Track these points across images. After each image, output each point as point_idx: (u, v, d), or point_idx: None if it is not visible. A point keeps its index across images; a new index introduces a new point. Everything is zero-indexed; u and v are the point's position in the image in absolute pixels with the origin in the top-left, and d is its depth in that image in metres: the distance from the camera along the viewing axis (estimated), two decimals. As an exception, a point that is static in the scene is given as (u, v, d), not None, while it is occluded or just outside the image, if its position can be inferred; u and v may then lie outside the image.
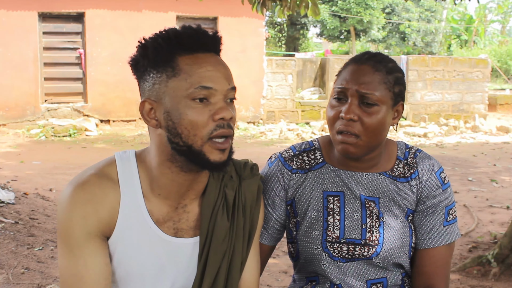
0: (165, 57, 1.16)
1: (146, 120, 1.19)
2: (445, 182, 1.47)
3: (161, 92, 1.16)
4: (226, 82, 1.18)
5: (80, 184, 1.18)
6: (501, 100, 15.90)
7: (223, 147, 1.16)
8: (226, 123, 1.16)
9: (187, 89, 1.13)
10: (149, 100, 1.18)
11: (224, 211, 1.27)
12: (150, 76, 1.18)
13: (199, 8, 10.83)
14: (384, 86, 1.37)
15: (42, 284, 3.16)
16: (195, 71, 1.15)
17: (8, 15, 10.59)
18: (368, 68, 1.37)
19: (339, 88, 1.39)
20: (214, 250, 1.25)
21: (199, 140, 1.14)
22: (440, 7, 28.35)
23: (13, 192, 4.85)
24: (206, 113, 1.14)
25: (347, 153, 1.38)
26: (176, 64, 1.15)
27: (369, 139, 1.36)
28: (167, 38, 1.16)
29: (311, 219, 1.45)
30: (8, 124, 10.78)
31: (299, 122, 12.34)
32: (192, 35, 1.17)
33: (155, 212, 1.23)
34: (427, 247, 1.44)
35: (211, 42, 1.19)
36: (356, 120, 1.35)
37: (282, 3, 4.36)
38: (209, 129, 1.14)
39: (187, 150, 1.15)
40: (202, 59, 1.17)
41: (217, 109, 1.15)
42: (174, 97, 1.14)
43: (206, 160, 1.15)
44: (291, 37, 27.13)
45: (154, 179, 1.22)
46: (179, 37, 1.16)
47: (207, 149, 1.15)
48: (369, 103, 1.35)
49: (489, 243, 4.32)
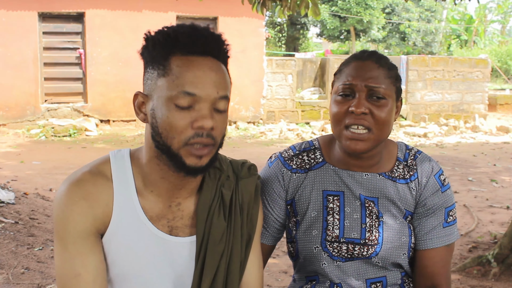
0: (160, 54, 1.15)
1: (137, 113, 1.21)
2: (445, 184, 1.48)
3: (152, 89, 1.16)
4: (215, 90, 1.14)
5: (74, 182, 1.19)
6: (501, 100, 15.90)
7: (198, 154, 1.14)
8: (205, 132, 1.13)
9: (171, 91, 1.12)
10: (141, 93, 1.19)
11: (220, 211, 1.27)
12: (147, 70, 1.18)
13: (199, 8, 10.83)
14: (389, 80, 1.39)
15: (42, 284, 3.16)
16: (183, 74, 1.13)
17: (8, 15, 10.59)
18: (372, 64, 1.39)
19: (346, 84, 1.39)
20: (211, 250, 1.24)
21: (176, 143, 1.13)
22: (440, 7, 28.35)
23: (13, 192, 4.85)
24: (187, 119, 1.12)
25: (354, 149, 1.37)
26: (168, 63, 1.14)
27: (380, 132, 1.37)
28: (166, 36, 1.15)
29: (311, 218, 1.45)
30: (8, 124, 10.79)
31: (299, 122, 12.34)
32: (189, 35, 1.14)
33: (149, 209, 1.23)
34: (427, 248, 1.45)
35: (209, 46, 1.16)
36: (367, 113, 1.36)
37: (282, 3, 4.36)
38: (186, 136, 1.13)
39: (166, 150, 1.15)
40: (194, 62, 1.14)
41: (198, 116, 1.12)
42: (160, 96, 1.14)
43: (182, 163, 1.14)
44: (291, 37, 27.15)
45: (146, 175, 1.22)
46: (176, 36, 1.14)
47: (183, 153, 1.14)
48: (378, 97, 1.36)
49: (489, 243, 4.32)
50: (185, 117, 1.12)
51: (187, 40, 1.14)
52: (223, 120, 1.18)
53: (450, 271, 1.51)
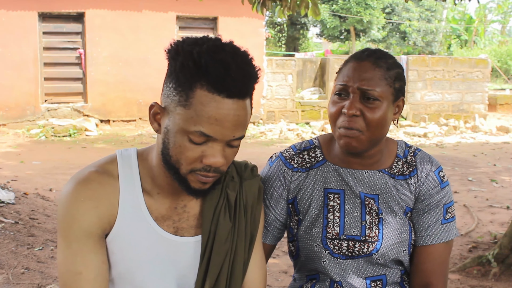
0: (187, 80, 1.10)
1: (151, 121, 1.19)
2: (444, 181, 1.49)
3: (169, 109, 1.13)
4: (231, 134, 1.11)
5: (81, 180, 1.19)
6: (501, 100, 15.89)
7: (204, 181, 1.15)
8: (213, 168, 1.14)
9: (188, 126, 1.10)
10: (158, 105, 1.17)
11: (226, 212, 1.28)
12: (170, 85, 1.13)
13: (199, 8, 10.83)
14: (385, 82, 1.38)
15: (42, 284, 3.16)
16: (204, 114, 1.08)
17: (8, 15, 10.59)
18: (369, 65, 1.39)
19: (341, 84, 1.40)
20: (217, 250, 1.25)
21: (184, 169, 1.14)
22: (440, 7, 28.36)
23: (13, 192, 4.85)
24: (198, 152, 1.12)
25: (349, 147, 1.38)
26: (193, 95, 1.09)
27: (372, 133, 1.38)
28: (198, 64, 1.08)
29: (312, 216, 1.46)
30: (8, 124, 10.79)
31: (299, 122, 12.34)
32: (221, 76, 1.07)
33: (154, 210, 1.23)
34: (425, 244, 1.46)
35: (238, 89, 1.10)
36: (359, 115, 1.36)
37: (282, 3, 4.36)
38: (194, 166, 1.13)
39: (174, 170, 1.15)
40: (218, 104, 1.08)
41: (209, 154, 1.12)
42: (176, 123, 1.11)
43: (187, 185, 1.16)
44: (291, 37, 27.15)
45: (154, 177, 1.23)
46: (208, 71, 1.07)
47: (190, 178, 1.15)
48: (371, 98, 1.37)
49: (489, 243, 4.32)
50: (196, 150, 1.12)
51: (217, 79, 1.07)
52: (233, 153, 1.17)
53: (448, 270, 1.51)
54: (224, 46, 1.11)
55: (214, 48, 1.09)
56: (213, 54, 1.08)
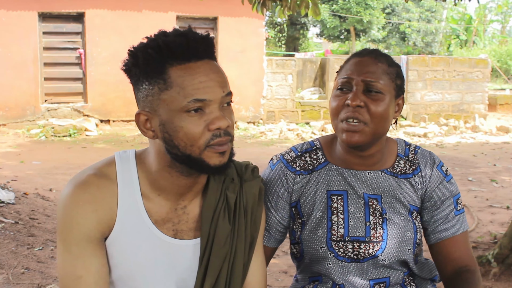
0: (156, 68, 1.13)
1: (143, 131, 1.19)
2: (448, 174, 1.50)
3: (155, 104, 1.15)
4: (221, 90, 1.15)
5: (79, 184, 1.18)
6: (501, 100, 15.89)
7: (222, 150, 1.15)
8: (222, 131, 1.15)
9: (181, 103, 1.12)
10: (144, 112, 1.17)
11: (225, 214, 1.27)
12: (143, 86, 1.16)
13: (199, 8, 10.83)
14: (387, 76, 1.39)
15: (42, 284, 3.16)
16: (188, 83, 1.12)
17: (8, 15, 10.58)
18: (371, 60, 1.40)
19: (344, 78, 1.40)
20: (216, 253, 1.25)
21: (197, 149, 1.14)
22: (440, 7, 28.35)
23: (13, 192, 4.85)
24: (202, 124, 1.13)
25: (351, 141, 1.37)
26: (168, 76, 1.12)
27: (375, 126, 1.37)
28: (157, 48, 1.12)
29: (316, 219, 1.45)
30: (8, 124, 10.78)
31: (299, 122, 12.34)
32: (183, 44, 1.12)
33: (154, 213, 1.23)
34: (445, 238, 1.46)
35: (203, 49, 1.15)
36: (363, 106, 1.36)
37: (282, 3, 4.35)
38: (205, 139, 1.14)
39: (186, 159, 1.15)
40: (194, 69, 1.13)
41: (213, 119, 1.13)
42: (168, 110, 1.13)
43: (206, 165, 1.16)
44: (291, 37, 27.14)
45: (154, 181, 1.22)
46: (169, 46, 1.12)
47: (206, 155, 1.15)
48: (375, 91, 1.37)
49: (489, 243, 4.32)
50: (199, 123, 1.13)
51: (180, 48, 1.12)
52: (231, 112, 1.19)
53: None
54: (166, 31, 1.18)
55: (162, 32, 1.15)
56: (166, 35, 1.14)
